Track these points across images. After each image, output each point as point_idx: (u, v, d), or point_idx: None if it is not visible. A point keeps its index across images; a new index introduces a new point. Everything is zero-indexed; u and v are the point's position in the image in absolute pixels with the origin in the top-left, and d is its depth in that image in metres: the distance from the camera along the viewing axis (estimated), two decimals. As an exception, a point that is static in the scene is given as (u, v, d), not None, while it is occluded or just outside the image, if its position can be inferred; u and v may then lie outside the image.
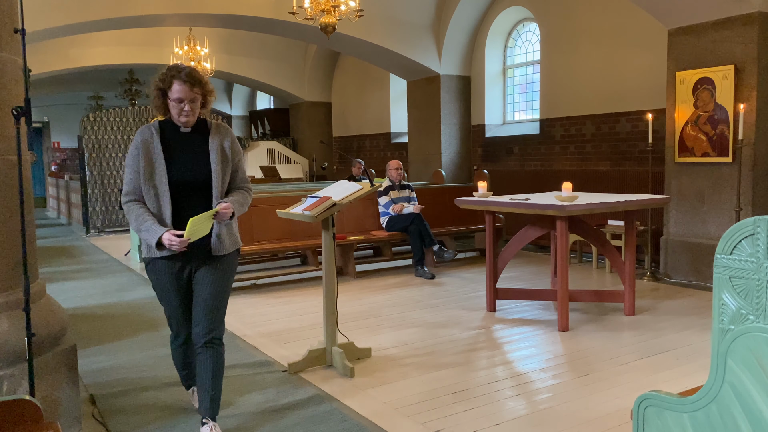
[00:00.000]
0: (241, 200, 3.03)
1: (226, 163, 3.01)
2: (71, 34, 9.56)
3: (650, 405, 1.80)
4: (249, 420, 3.23)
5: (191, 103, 2.87)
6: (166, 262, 2.95)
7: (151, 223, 2.83)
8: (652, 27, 7.15)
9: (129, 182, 2.92)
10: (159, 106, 2.94)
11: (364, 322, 5.12)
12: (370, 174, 5.43)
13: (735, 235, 1.60)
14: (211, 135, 3.01)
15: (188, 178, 2.92)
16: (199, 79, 2.88)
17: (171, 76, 2.85)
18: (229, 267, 3.09)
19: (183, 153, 2.95)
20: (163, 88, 2.88)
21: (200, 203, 2.93)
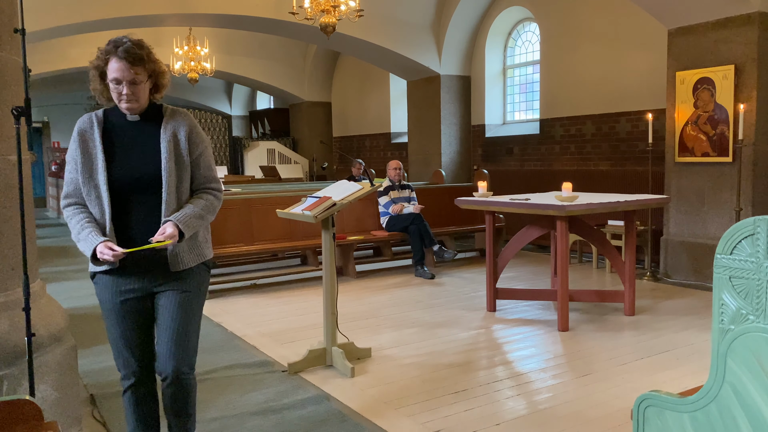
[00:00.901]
0: (199, 211, 2.44)
1: (181, 157, 2.44)
2: (71, 34, 9.55)
3: (650, 405, 1.80)
4: (249, 420, 3.23)
5: (132, 85, 2.34)
6: (110, 278, 2.42)
7: (89, 232, 2.32)
8: (652, 27, 7.15)
9: (69, 182, 2.44)
10: (98, 90, 2.44)
11: (364, 322, 5.12)
12: (370, 174, 5.43)
13: (735, 235, 1.60)
14: (164, 122, 2.46)
15: (131, 177, 2.39)
16: (141, 56, 2.35)
17: (106, 52, 2.38)
18: (195, 286, 2.52)
19: (128, 146, 2.42)
20: (100, 67, 2.40)
21: (147, 207, 2.40)
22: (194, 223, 2.41)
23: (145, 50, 2.38)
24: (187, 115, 2.55)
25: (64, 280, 7.15)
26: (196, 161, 2.48)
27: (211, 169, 2.55)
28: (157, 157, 2.41)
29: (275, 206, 5.76)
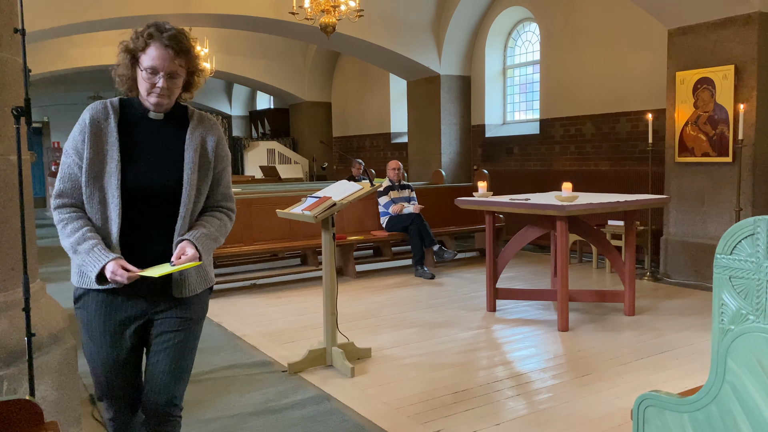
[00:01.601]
0: (215, 232, 2.14)
1: (207, 169, 2.13)
2: (71, 34, 9.56)
3: (650, 405, 1.80)
4: (249, 420, 3.23)
5: (170, 78, 2.03)
6: (104, 300, 2.06)
7: (93, 244, 1.97)
8: (652, 27, 7.15)
9: (65, 178, 2.04)
10: (124, 77, 2.07)
11: (364, 322, 5.12)
12: (370, 174, 5.43)
13: (735, 235, 1.60)
14: (191, 128, 2.13)
15: (146, 185, 2.05)
16: (187, 48, 2.05)
17: (148, 35, 2.01)
18: (198, 314, 2.23)
19: (148, 148, 2.08)
20: (135, 50, 2.03)
21: (158, 222, 2.07)
22: (210, 245, 2.11)
23: (190, 41, 2.09)
24: (216, 123, 2.25)
25: (64, 280, 7.13)
26: (218, 176, 2.18)
27: (229, 187, 2.26)
28: (178, 166, 2.08)
29: (275, 206, 5.75)
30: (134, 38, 2.03)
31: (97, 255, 1.96)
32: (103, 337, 2.07)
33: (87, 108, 2.08)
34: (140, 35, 2.02)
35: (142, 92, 2.06)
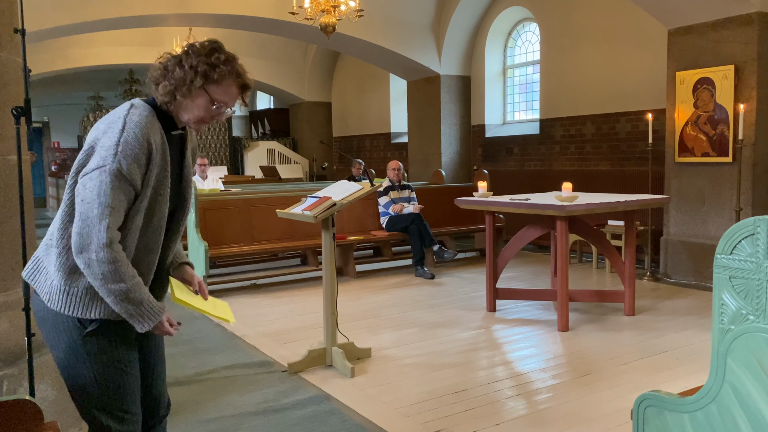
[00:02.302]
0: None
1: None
2: (71, 34, 9.56)
3: (650, 405, 1.80)
4: (249, 420, 3.23)
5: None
6: (122, 325, 1.91)
7: (146, 292, 1.85)
8: (652, 27, 7.15)
9: (119, 208, 1.77)
10: (175, 91, 1.88)
11: (364, 322, 5.12)
12: (370, 174, 5.43)
13: (735, 235, 1.60)
14: (189, 144, 2.07)
15: (172, 208, 1.98)
16: (250, 86, 2.04)
17: (228, 71, 1.95)
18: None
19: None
20: (211, 77, 1.90)
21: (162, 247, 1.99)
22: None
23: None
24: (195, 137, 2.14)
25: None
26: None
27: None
28: (184, 185, 2.02)
29: (275, 206, 5.75)
30: (214, 63, 1.91)
31: (151, 306, 1.84)
32: (130, 361, 1.96)
33: (138, 120, 1.81)
34: (220, 62, 1.92)
35: (192, 116, 1.92)
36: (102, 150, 1.76)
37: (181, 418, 3.27)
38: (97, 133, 1.84)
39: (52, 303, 1.86)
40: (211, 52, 1.92)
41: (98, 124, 1.88)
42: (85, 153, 1.83)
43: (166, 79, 1.87)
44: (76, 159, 1.87)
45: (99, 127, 1.86)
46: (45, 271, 1.91)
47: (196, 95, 1.89)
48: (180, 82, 1.87)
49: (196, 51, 1.90)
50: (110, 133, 1.79)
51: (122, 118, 1.81)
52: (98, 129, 1.86)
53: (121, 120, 1.80)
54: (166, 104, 1.90)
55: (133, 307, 1.80)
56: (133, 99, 1.95)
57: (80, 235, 1.75)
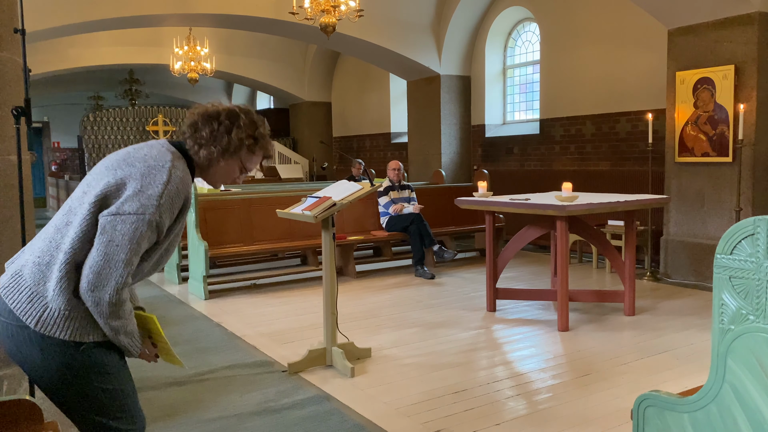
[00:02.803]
0: None
1: None
2: (71, 34, 9.56)
3: (650, 405, 1.80)
4: (249, 420, 3.23)
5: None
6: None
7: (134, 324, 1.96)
8: (652, 27, 7.15)
9: (137, 250, 1.82)
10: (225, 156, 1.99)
11: (364, 322, 5.12)
12: (370, 174, 5.43)
13: (735, 235, 1.60)
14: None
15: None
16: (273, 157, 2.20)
17: (265, 145, 2.07)
18: None
19: None
20: (252, 149, 2.02)
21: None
22: None
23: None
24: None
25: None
26: None
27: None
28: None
29: (275, 206, 5.75)
30: (255, 138, 2.01)
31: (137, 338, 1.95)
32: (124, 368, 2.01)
33: (179, 173, 1.88)
34: (261, 138, 2.02)
35: (219, 178, 2.04)
36: (143, 197, 1.80)
37: (181, 418, 3.27)
38: (131, 171, 1.85)
39: (45, 327, 1.81)
40: (256, 126, 2.03)
41: (131, 160, 1.88)
42: (115, 186, 1.82)
43: (213, 144, 1.96)
44: (98, 185, 1.85)
45: (134, 164, 1.86)
46: (35, 294, 1.83)
47: (232, 162, 2.01)
48: (225, 149, 1.96)
49: (246, 124, 1.99)
50: (152, 179, 1.83)
51: (167, 170, 1.85)
52: (133, 166, 1.86)
53: (166, 171, 1.85)
54: (198, 159, 1.98)
55: (127, 339, 1.90)
56: (167, 142, 1.98)
57: (99, 275, 1.77)
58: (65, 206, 1.93)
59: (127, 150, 1.95)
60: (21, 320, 1.82)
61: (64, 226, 1.87)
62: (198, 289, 6.09)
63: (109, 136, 11.69)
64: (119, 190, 1.82)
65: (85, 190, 1.89)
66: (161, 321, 2.18)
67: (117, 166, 1.87)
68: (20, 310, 1.83)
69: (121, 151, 1.96)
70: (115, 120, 11.75)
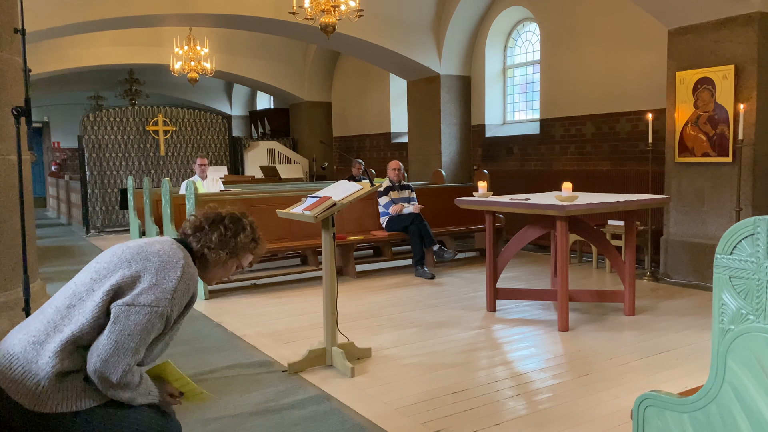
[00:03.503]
0: None
1: None
2: (71, 34, 9.56)
3: (650, 405, 1.80)
4: (249, 420, 3.23)
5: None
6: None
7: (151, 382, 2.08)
8: (652, 27, 7.15)
9: (145, 341, 1.94)
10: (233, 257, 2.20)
11: (364, 322, 5.12)
12: (370, 174, 5.43)
13: (735, 235, 1.60)
14: None
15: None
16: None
17: (263, 244, 2.31)
18: None
19: None
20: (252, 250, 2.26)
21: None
22: None
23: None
24: None
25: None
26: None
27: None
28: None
29: (275, 206, 5.74)
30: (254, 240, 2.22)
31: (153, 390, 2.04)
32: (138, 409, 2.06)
33: (190, 270, 2.03)
34: (258, 240, 2.24)
35: (216, 275, 2.20)
36: (158, 290, 1.92)
37: (180, 418, 3.26)
38: (147, 264, 1.97)
39: (40, 404, 1.83)
40: (255, 230, 2.24)
41: (145, 254, 1.99)
42: (131, 278, 1.93)
43: (222, 248, 2.13)
44: (111, 275, 1.94)
45: (149, 258, 1.98)
46: (27, 371, 1.85)
47: (232, 261, 2.20)
48: (231, 252, 2.16)
49: (250, 229, 2.21)
50: (167, 274, 1.96)
51: (181, 266, 2.00)
52: (148, 260, 1.97)
53: (180, 267, 2.00)
54: (204, 260, 2.15)
55: (143, 399, 1.98)
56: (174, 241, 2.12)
57: (106, 362, 1.85)
58: (68, 289, 2.00)
59: (139, 244, 2.06)
60: (13, 400, 1.83)
61: (65, 309, 1.93)
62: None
63: (109, 136, 11.68)
64: (134, 282, 1.92)
65: (93, 277, 1.97)
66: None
67: (132, 258, 1.98)
68: (13, 389, 1.84)
69: (133, 244, 2.07)
70: (115, 120, 11.75)
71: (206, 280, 2.21)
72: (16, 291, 2.72)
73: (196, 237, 2.13)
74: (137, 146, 11.95)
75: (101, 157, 11.60)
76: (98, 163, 11.56)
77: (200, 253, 2.12)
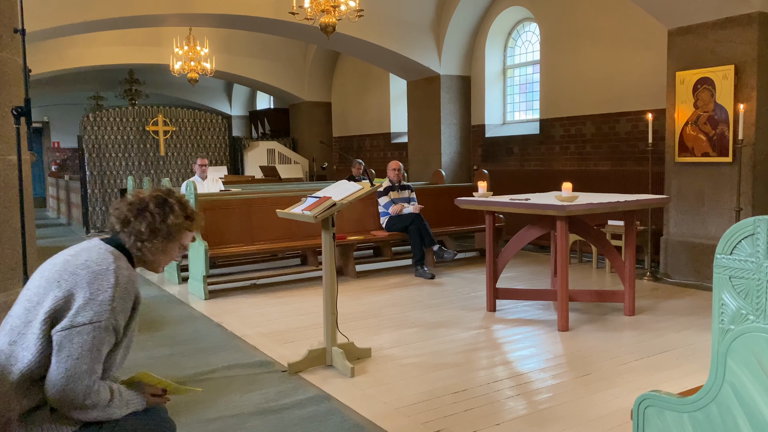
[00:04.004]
0: None
1: None
2: (71, 34, 9.56)
3: (650, 405, 1.80)
4: (249, 420, 3.23)
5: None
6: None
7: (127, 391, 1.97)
8: (652, 27, 7.15)
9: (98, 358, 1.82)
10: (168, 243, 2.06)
11: (364, 322, 5.12)
12: (370, 174, 5.43)
13: (735, 235, 1.60)
14: None
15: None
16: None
17: (199, 219, 2.16)
18: None
19: None
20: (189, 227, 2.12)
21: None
22: None
23: None
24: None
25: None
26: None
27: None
28: None
29: (275, 206, 5.75)
30: (188, 217, 2.07)
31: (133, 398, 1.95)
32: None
33: (124, 272, 1.89)
34: (192, 215, 2.09)
35: (164, 261, 2.08)
36: (95, 305, 1.79)
37: (181, 418, 3.26)
38: (76, 279, 1.83)
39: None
40: (185, 205, 2.09)
41: (72, 268, 1.85)
42: (63, 299, 1.80)
43: (155, 237, 1.99)
44: (43, 300, 1.81)
45: (77, 272, 1.84)
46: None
47: (172, 245, 2.05)
48: (166, 237, 2.01)
49: (178, 207, 2.05)
50: (99, 285, 1.82)
51: (113, 273, 1.85)
52: (76, 275, 1.83)
53: (111, 274, 1.84)
54: (141, 254, 2.00)
55: (123, 411, 1.88)
56: (101, 242, 1.96)
57: (64, 392, 1.75)
58: (5, 325, 1.88)
59: (64, 257, 1.91)
60: None
61: (8, 347, 1.82)
62: (198, 289, 6.09)
63: (109, 136, 11.68)
64: (68, 302, 1.79)
65: (27, 306, 1.84)
66: (161, 321, 2.18)
67: (59, 277, 1.84)
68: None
69: (59, 259, 1.92)
70: (115, 120, 11.75)
71: (153, 269, 2.08)
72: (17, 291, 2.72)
73: (126, 232, 1.98)
74: (137, 146, 11.95)
75: (101, 157, 11.60)
76: (98, 163, 11.56)
77: (137, 249, 1.99)
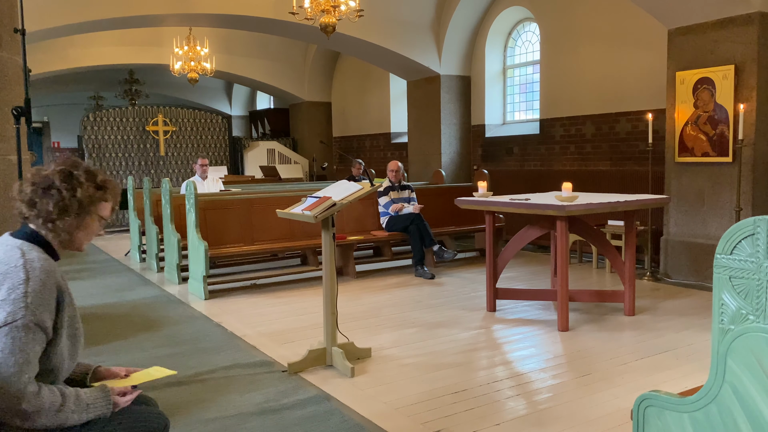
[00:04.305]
0: None
1: None
2: (71, 34, 9.56)
3: (650, 405, 1.80)
4: (249, 420, 3.23)
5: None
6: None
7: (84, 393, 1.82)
8: (652, 27, 7.15)
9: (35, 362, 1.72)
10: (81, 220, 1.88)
11: (364, 322, 5.12)
12: (370, 174, 5.43)
13: (735, 235, 1.60)
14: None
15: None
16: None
17: (110, 187, 1.96)
18: None
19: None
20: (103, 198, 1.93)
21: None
22: None
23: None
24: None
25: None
26: None
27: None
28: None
29: (275, 206, 5.75)
30: (99, 187, 1.90)
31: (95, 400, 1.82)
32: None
33: (35, 264, 1.75)
34: (105, 185, 1.91)
35: (86, 240, 1.92)
36: (7, 305, 1.67)
37: (181, 418, 3.27)
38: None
39: None
40: (94, 174, 1.91)
41: None
42: None
43: (66, 215, 1.83)
44: None
45: None
46: None
47: (90, 219, 1.89)
48: (79, 213, 1.85)
49: (85, 178, 1.88)
50: (10, 283, 1.70)
51: (22, 268, 1.73)
52: None
53: (21, 269, 1.73)
54: (56, 236, 1.85)
55: (81, 416, 1.76)
56: (9, 237, 1.84)
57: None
58: None
59: None
60: None
61: None
62: (198, 289, 6.09)
63: (109, 136, 11.69)
64: None
65: None
66: (161, 321, 2.17)
67: None
68: None
69: None
70: (115, 120, 11.76)
71: (75, 249, 1.91)
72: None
73: (34, 214, 1.82)
74: (137, 146, 11.96)
75: (101, 157, 11.60)
76: (98, 163, 11.56)
77: (50, 230, 1.83)
